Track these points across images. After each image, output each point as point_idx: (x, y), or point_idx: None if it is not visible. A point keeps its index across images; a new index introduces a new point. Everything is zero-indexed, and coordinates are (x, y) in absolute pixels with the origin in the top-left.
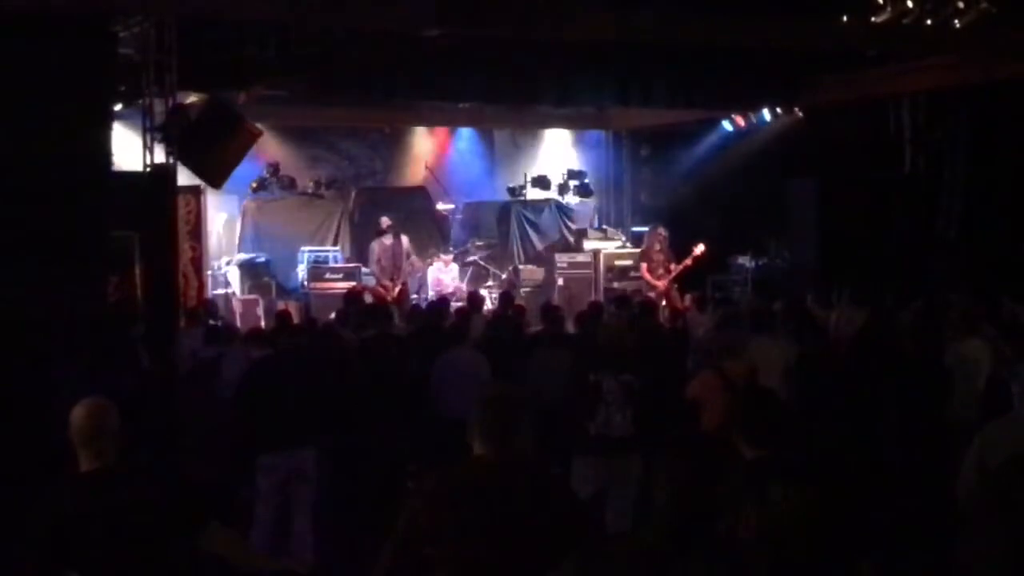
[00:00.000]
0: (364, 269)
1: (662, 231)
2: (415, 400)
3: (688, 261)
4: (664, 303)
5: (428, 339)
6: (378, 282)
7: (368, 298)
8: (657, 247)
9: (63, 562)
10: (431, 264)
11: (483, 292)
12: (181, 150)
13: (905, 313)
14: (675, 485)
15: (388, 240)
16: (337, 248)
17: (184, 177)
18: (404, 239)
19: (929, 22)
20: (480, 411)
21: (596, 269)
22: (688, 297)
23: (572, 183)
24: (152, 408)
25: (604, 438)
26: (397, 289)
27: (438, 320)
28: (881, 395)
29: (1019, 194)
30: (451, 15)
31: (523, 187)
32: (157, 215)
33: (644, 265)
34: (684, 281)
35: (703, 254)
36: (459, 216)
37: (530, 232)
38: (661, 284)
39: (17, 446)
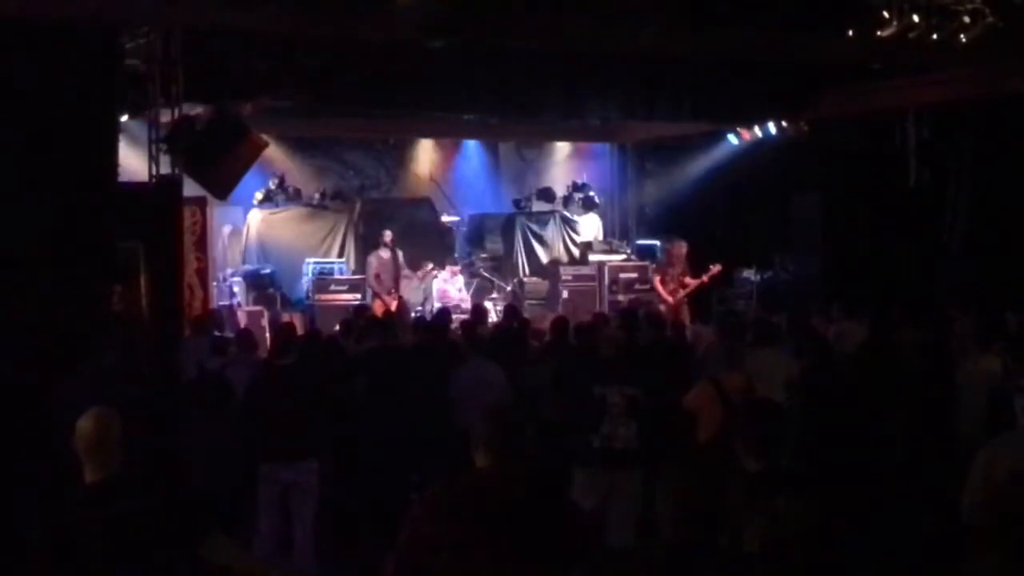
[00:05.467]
0: None
1: (683, 245)
2: (418, 411)
3: (705, 279)
4: (673, 317)
5: (431, 351)
6: (377, 296)
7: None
8: (675, 261)
9: (67, 573)
10: (435, 275)
11: (487, 304)
12: (187, 161)
13: (906, 330)
14: (678, 497)
15: (386, 254)
16: (342, 260)
17: (190, 188)
18: (399, 253)
19: (934, 36)
20: (483, 423)
21: (601, 282)
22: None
23: (577, 195)
24: (156, 418)
25: (607, 451)
26: (395, 302)
27: (441, 332)
28: (885, 408)
29: None
30: (452, 26)
31: (528, 199)
32: (162, 226)
33: (657, 278)
34: (691, 295)
35: (718, 274)
36: (464, 228)
37: (535, 244)
38: (672, 299)
39: (22, 456)
